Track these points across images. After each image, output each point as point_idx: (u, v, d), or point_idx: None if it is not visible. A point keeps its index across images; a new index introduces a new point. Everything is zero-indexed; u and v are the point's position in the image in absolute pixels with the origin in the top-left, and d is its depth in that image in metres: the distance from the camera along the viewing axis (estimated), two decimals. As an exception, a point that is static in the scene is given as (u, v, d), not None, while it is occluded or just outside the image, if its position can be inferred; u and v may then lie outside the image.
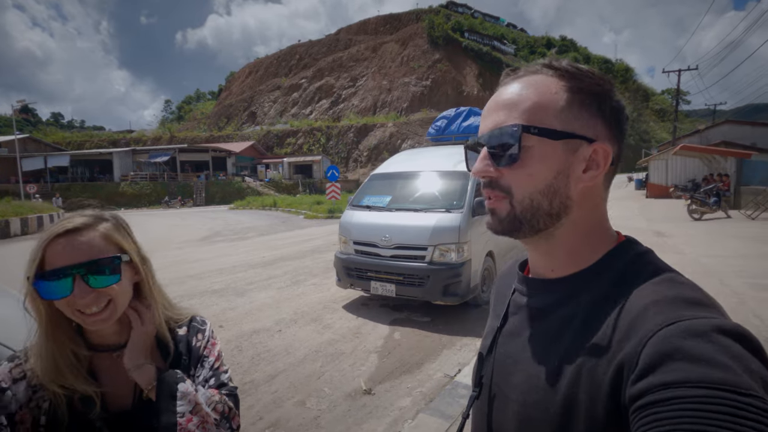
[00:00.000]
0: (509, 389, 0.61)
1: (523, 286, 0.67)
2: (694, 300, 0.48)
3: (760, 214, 13.05)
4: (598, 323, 0.53)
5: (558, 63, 0.59)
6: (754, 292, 5.35)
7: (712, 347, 0.41)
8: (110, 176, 37.88)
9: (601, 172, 0.57)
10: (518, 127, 0.55)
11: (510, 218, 0.58)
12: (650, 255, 0.58)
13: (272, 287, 6.65)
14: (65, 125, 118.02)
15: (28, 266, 0.79)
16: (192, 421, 0.82)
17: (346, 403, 3.21)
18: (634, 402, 0.42)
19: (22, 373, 0.83)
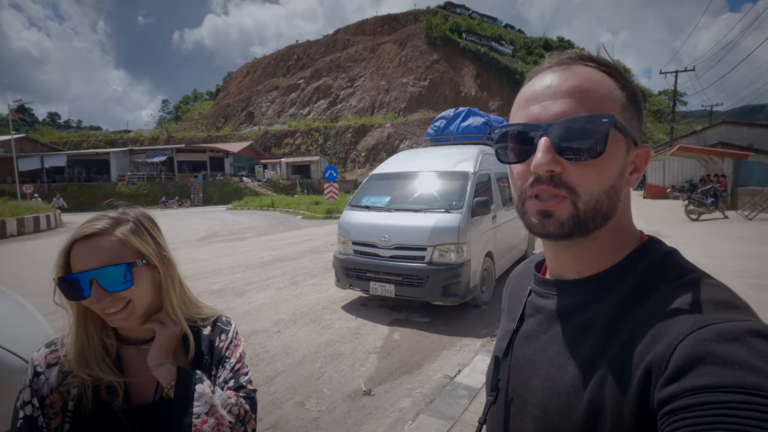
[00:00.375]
0: (528, 394, 0.59)
1: (541, 287, 0.64)
2: (726, 302, 0.47)
3: (757, 215, 13.10)
4: (623, 325, 0.51)
5: (604, 59, 0.57)
6: (752, 293, 5.36)
7: (747, 351, 0.39)
8: (107, 176, 37.72)
9: (641, 174, 0.58)
10: (610, 119, 0.50)
11: (573, 221, 0.53)
12: (676, 255, 0.57)
13: (271, 288, 6.62)
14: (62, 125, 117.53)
15: (54, 268, 0.84)
16: (207, 423, 0.84)
17: (346, 404, 3.19)
18: (663, 406, 0.41)
19: (56, 359, 0.89)
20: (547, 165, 0.52)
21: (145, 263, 0.87)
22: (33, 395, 0.85)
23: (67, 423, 0.85)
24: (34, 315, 1.99)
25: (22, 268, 8.86)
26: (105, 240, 0.83)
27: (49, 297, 0.88)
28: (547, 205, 0.54)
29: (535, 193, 0.55)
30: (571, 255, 0.59)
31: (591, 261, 0.58)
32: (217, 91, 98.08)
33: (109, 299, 0.82)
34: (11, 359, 1.52)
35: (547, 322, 0.61)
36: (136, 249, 0.86)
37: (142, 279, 0.87)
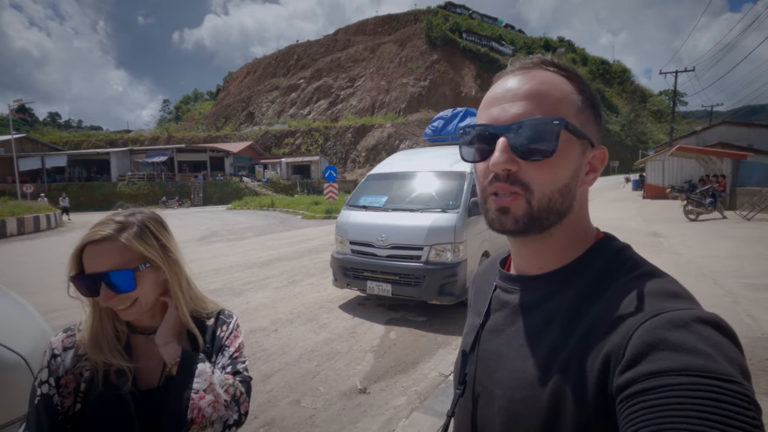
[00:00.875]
0: (494, 386, 0.61)
1: (506, 282, 0.67)
2: (674, 293, 0.50)
3: (756, 215, 13.12)
4: (582, 317, 0.54)
5: (564, 64, 0.59)
6: (748, 292, 5.39)
7: (694, 337, 0.43)
8: (107, 176, 37.76)
9: (598, 175, 0.60)
10: (560, 122, 0.53)
11: (527, 217, 0.56)
12: (629, 250, 0.60)
13: (269, 287, 6.65)
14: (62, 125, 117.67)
15: (68, 266, 0.92)
16: (204, 399, 0.92)
17: (341, 402, 3.22)
18: (621, 391, 0.44)
19: (72, 343, 0.97)
20: (503, 164, 0.55)
21: (149, 266, 0.94)
22: (50, 375, 0.92)
23: (78, 403, 0.93)
24: (32, 313, 2.01)
25: (21, 268, 8.90)
26: (111, 245, 0.90)
27: (47, 296, 0.94)
28: (503, 202, 0.57)
29: (493, 191, 0.58)
30: (533, 252, 0.62)
31: (551, 257, 0.61)
32: (218, 91, 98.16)
33: (117, 298, 0.90)
34: (8, 356, 1.55)
35: (511, 317, 0.63)
36: (140, 253, 0.92)
37: (146, 280, 0.93)
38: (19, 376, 1.49)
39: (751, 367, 3.41)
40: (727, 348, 0.43)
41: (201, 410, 0.90)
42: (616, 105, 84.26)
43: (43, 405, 0.90)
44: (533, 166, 0.55)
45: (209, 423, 0.91)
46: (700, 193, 13.93)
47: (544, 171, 0.55)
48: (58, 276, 0.95)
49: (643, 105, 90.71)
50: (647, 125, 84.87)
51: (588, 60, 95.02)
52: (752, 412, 0.38)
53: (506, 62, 0.64)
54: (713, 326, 0.44)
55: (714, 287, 5.67)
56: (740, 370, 0.41)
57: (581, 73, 0.60)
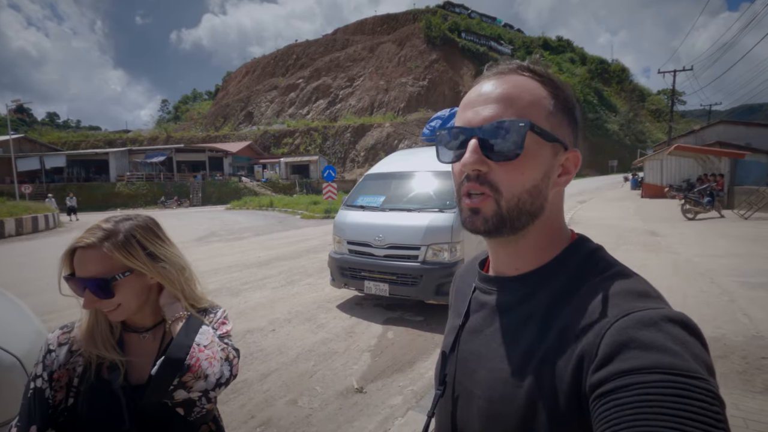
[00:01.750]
0: (473, 386, 0.62)
1: (484, 284, 0.68)
2: (643, 292, 0.52)
3: (753, 214, 13.15)
4: (557, 317, 0.55)
5: (540, 69, 0.60)
6: (745, 291, 5.40)
7: (662, 335, 0.44)
8: (106, 176, 37.73)
9: (571, 177, 0.61)
10: (526, 124, 0.55)
11: (497, 218, 0.58)
12: (601, 251, 0.61)
13: (267, 287, 6.66)
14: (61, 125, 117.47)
15: (60, 266, 0.96)
16: (203, 352, 0.96)
17: (338, 402, 3.23)
18: (594, 390, 0.45)
19: (66, 339, 1.01)
20: (473, 164, 0.57)
21: (129, 275, 0.96)
22: (44, 370, 0.96)
23: (71, 398, 0.96)
24: (28, 315, 2.02)
25: (19, 269, 8.89)
26: (94, 253, 0.93)
27: (43, 297, 0.97)
28: (474, 203, 0.58)
29: (465, 191, 0.59)
30: (509, 253, 0.63)
31: (527, 258, 0.62)
32: (217, 90, 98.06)
33: (99, 303, 0.94)
34: (3, 357, 1.56)
35: (490, 317, 0.64)
36: (121, 263, 0.94)
37: (126, 288, 0.96)
38: (14, 377, 1.50)
39: (747, 365, 3.44)
40: (693, 346, 0.44)
41: (199, 360, 0.94)
42: (615, 104, 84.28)
43: (35, 398, 0.93)
44: (501, 167, 0.57)
45: (203, 375, 0.94)
46: (698, 192, 13.96)
47: (512, 172, 0.57)
48: (55, 277, 0.98)
49: (641, 104, 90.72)
50: (646, 124, 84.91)
51: (587, 59, 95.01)
52: (716, 407, 0.40)
53: (505, 61, 0.65)
54: (681, 325, 0.46)
55: (711, 286, 5.68)
56: (705, 367, 0.43)
57: (557, 78, 0.61)
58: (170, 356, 0.92)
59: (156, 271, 1.00)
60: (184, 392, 0.93)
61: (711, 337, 4.00)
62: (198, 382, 0.94)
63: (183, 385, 0.92)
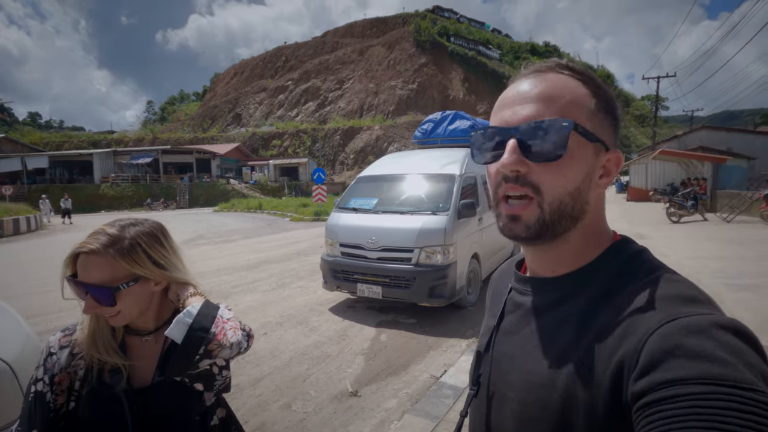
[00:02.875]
0: (507, 387, 0.61)
1: (521, 284, 0.67)
2: (691, 297, 0.49)
3: (735, 217, 13.46)
4: (596, 321, 0.53)
5: (579, 68, 0.59)
6: (731, 293, 5.52)
7: (712, 343, 0.41)
8: (90, 178, 36.98)
9: (612, 179, 0.59)
10: (569, 124, 0.53)
11: (539, 224, 0.55)
12: (646, 253, 0.59)
13: (257, 290, 6.59)
14: (43, 125, 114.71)
15: (63, 269, 0.93)
16: (227, 324, 1.00)
17: (332, 406, 3.20)
18: (637, 400, 0.42)
19: (68, 342, 1.00)
20: (512, 165, 0.55)
21: (133, 284, 0.93)
22: (45, 373, 0.95)
23: (72, 401, 0.95)
24: (16, 318, 1.96)
25: (1, 272, 8.65)
26: (97, 259, 0.90)
27: (26, 300, 0.93)
28: (514, 210, 0.56)
29: (504, 193, 0.57)
30: (547, 255, 0.62)
31: (565, 260, 0.60)
32: (204, 92, 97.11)
33: (100, 309, 0.92)
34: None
35: (525, 318, 0.63)
36: (127, 270, 0.92)
37: (130, 296, 0.94)
38: (4, 382, 1.45)
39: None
40: (748, 354, 0.41)
41: (223, 329, 0.97)
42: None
43: (37, 402, 0.92)
44: (543, 167, 0.55)
45: (228, 343, 0.97)
46: (681, 196, 14.26)
47: (554, 173, 0.55)
48: (37, 280, 0.96)
49: (626, 110, 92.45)
50: (630, 129, 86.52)
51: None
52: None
53: (494, 66, 0.64)
54: (733, 332, 0.43)
55: (697, 288, 5.79)
56: (763, 378, 0.39)
57: (597, 77, 0.59)
58: (196, 325, 0.93)
59: (162, 276, 0.99)
60: (208, 360, 0.95)
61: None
62: (223, 350, 0.96)
63: (209, 354, 0.94)
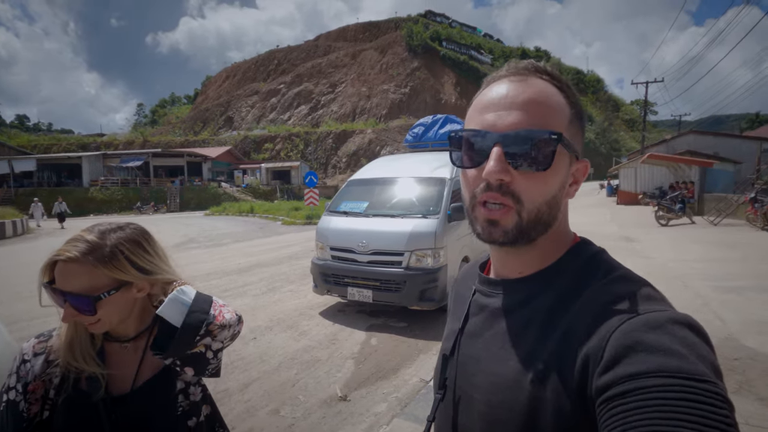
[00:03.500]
0: (473, 390, 0.61)
1: (485, 286, 0.67)
2: (648, 295, 0.51)
3: (722, 220, 13.67)
4: (560, 320, 0.54)
5: (558, 74, 0.59)
6: (716, 294, 5.59)
7: (669, 338, 0.44)
8: (79, 181, 36.47)
9: (579, 187, 0.61)
10: (558, 136, 0.53)
11: (517, 230, 0.56)
12: (604, 254, 0.61)
13: (248, 294, 6.53)
14: (31, 128, 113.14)
15: (40, 276, 0.90)
16: (224, 308, 1.02)
17: (321, 411, 3.17)
18: (601, 394, 0.44)
19: (43, 348, 0.95)
20: (498, 173, 0.54)
21: (114, 293, 0.90)
22: (18, 381, 0.91)
23: (46, 410, 0.91)
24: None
25: None
26: (76, 267, 0.86)
27: (9, 307, 0.90)
28: (493, 215, 0.56)
29: (484, 200, 0.57)
30: (516, 259, 0.63)
31: (532, 263, 0.61)
32: (196, 95, 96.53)
33: (79, 317, 0.89)
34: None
35: (490, 320, 0.63)
36: (109, 277, 0.89)
37: (111, 304, 0.90)
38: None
39: (721, 366, 3.54)
40: (700, 348, 0.44)
41: (222, 312, 1.00)
42: (591, 113, 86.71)
43: (9, 412, 0.88)
44: (526, 177, 0.55)
45: (227, 324, 1.00)
46: (670, 199, 14.45)
47: (537, 183, 0.55)
48: (23, 286, 0.92)
49: (615, 114, 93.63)
50: (620, 133, 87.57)
51: (563, 69, 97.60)
52: (725, 410, 0.39)
53: (486, 71, 0.64)
54: (687, 327, 0.46)
55: (685, 290, 5.86)
56: (713, 369, 0.42)
57: (571, 84, 0.60)
58: (196, 306, 0.95)
59: (147, 281, 0.96)
60: (209, 339, 0.97)
61: (686, 340, 4.12)
62: (223, 332, 0.98)
63: (210, 333, 0.96)
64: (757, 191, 12.70)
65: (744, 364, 3.59)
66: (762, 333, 4.22)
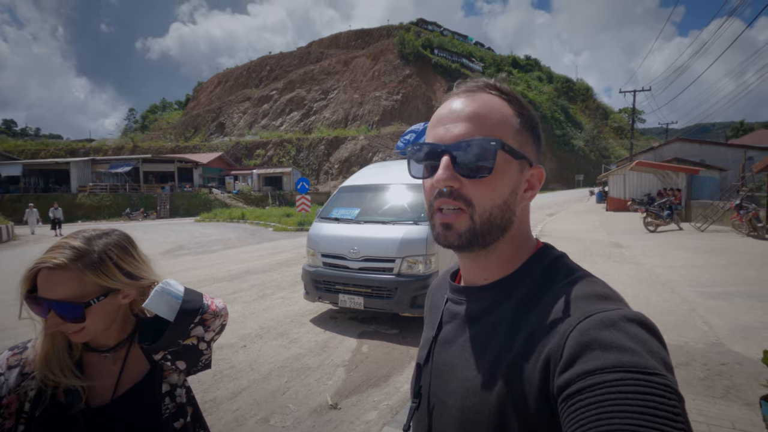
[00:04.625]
0: (447, 396, 0.62)
1: (455, 294, 0.69)
2: (604, 295, 0.54)
3: (708, 227, 13.88)
4: (525, 323, 0.56)
5: (506, 88, 0.63)
6: (703, 300, 5.66)
7: (622, 335, 0.46)
8: (67, 187, 36.00)
9: (536, 192, 0.64)
10: (497, 143, 0.57)
11: (470, 233, 0.59)
12: (565, 258, 0.64)
13: (238, 302, 6.47)
14: (18, 133, 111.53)
15: (20, 286, 0.87)
16: (214, 302, 1.03)
17: (311, 419, 3.14)
18: (561, 392, 0.46)
19: (17, 361, 0.91)
20: (446, 181, 0.58)
21: (103, 299, 0.89)
22: None
23: (21, 424, 0.88)
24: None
25: None
26: (63, 274, 0.84)
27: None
28: (447, 219, 0.60)
29: (438, 206, 0.60)
30: (479, 265, 0.65)
31: (496, 269, 0.64)
32: (187, 100, 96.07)
33: (65, 326, 0.86)
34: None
35: (461, 327, 0.66)
36: (97, 284, 0.87)
37: (98, 311, 0.89)
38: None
39: (708, 371, 3.57)
40: (651, 343, 0.46)
41: (213, 302, 1.02)
42: (581, 121, 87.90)
43: None
44: (474, 183, 0.58)
45: (220, 313, 1.03)
46: (658, 206, 14.64)
47: (484, 188, 0.58)
48: (5, 293, 0.90)
49: (604, 122, 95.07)
50: (609, 141, 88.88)
51: (553, 78, 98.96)
52: (674, 401, 0.41)
53: (473, 78, 0.67)
54: (638, 324, 0.48)
55: (672, 295, 5.93)
56: (663, 363, 0.45)
57: (521, 97, 0.64)
58: (189, 298, 0.96)
59: (133, 286, 0.95)
60: (201, 329, 0.98)
61: (674, 345, 4.15)
62: (216, 321, 1.01)
63: (203, 323, 0.98)
64: (742, 198, 12.95)
65: (731, 369, 3.63)
66: (748, 338, 4.29)
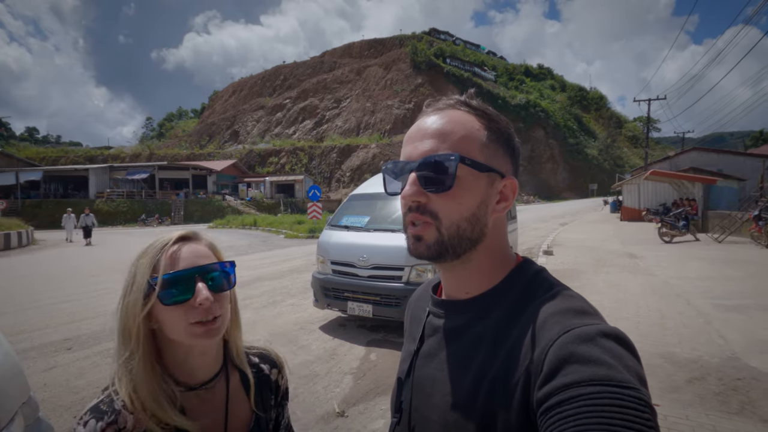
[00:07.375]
0: (429, 411, 0.62)
1: (437, 308, 0.69)
2: (582, 310, 0.55)
3: (726, 238, 13.58)
4: (506, 337, 0.57)
5: (476, 103, 0.64)
6: (719, 313, 5.54)
7: (598, 350, 0.48)
8: (85, 193, 36.86)
9: (510, 203, 0.64)
10: (456, 157, 0.58)
11: (438, 244, 0.60)
12: (544, 273, 0.65)
13: (248, 308, 6.53)
14: (40, 140, 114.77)
15: (145, 272, 0.74)
16: None
17: (318, 427, 3.15)
18: (541, 405, 0.47)
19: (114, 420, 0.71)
20: (412, 196, 0.60)
21: None
22: None
23: None
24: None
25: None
26: (202, 245, 0.80)
27: (15, 317, 0.85)
28: (417, 231, 0.61)
29: (410, 220, 0.62)
30: (456, 277, 0.66)
31: (474, 282, 0.65)
32: (203, 109, 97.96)
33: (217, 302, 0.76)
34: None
35: (444, 341, 0.66)
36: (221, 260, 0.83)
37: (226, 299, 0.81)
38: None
39: (723, 386, 3.49)
40: (626, 358, 0.48)
41: None
42: (594, 130, 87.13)
43: None
44: (439, 197, 0.60)
45: None
46: (673, 216, 14.38)
47: (449, 202, 0.60)
48: (28, 296, 0.90)
49: (618, 131, 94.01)
50: (623, 150, 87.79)
51: (566, 86, 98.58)
52: (647, 414, 0.43)
53: (489, 87, 0.68)
54: (614, 339, 0.49)
55: (687, 307, 5.81)
56: (638, 378, 0.46)
57: (492, 111, 0.65)
58: None
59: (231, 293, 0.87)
60: None
61: (689, 358, 4.07)
62: None
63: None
64: (761, 208, 12.62)
65: (747, 384, 3.54)
66: (765, 352, 4.17)
